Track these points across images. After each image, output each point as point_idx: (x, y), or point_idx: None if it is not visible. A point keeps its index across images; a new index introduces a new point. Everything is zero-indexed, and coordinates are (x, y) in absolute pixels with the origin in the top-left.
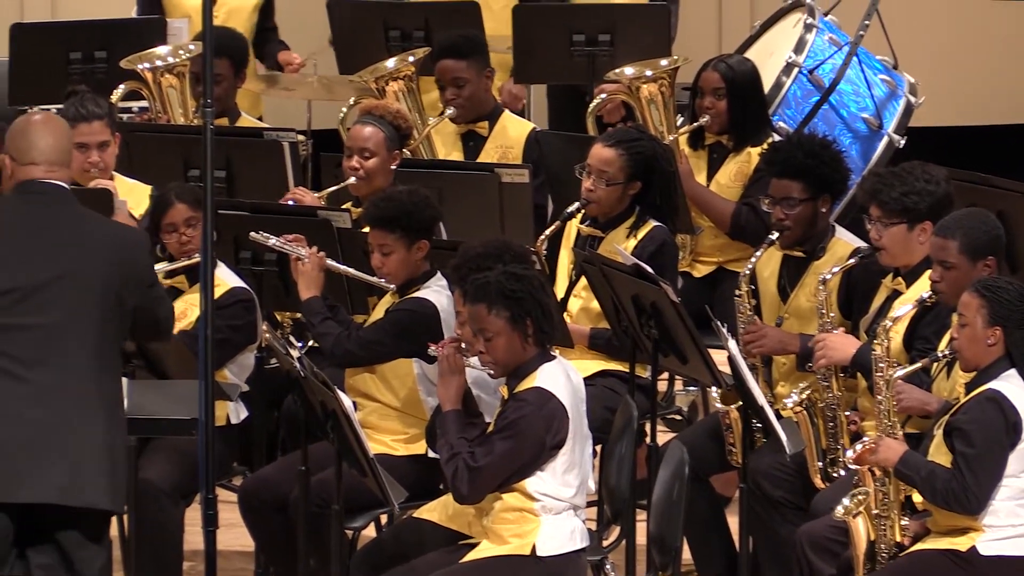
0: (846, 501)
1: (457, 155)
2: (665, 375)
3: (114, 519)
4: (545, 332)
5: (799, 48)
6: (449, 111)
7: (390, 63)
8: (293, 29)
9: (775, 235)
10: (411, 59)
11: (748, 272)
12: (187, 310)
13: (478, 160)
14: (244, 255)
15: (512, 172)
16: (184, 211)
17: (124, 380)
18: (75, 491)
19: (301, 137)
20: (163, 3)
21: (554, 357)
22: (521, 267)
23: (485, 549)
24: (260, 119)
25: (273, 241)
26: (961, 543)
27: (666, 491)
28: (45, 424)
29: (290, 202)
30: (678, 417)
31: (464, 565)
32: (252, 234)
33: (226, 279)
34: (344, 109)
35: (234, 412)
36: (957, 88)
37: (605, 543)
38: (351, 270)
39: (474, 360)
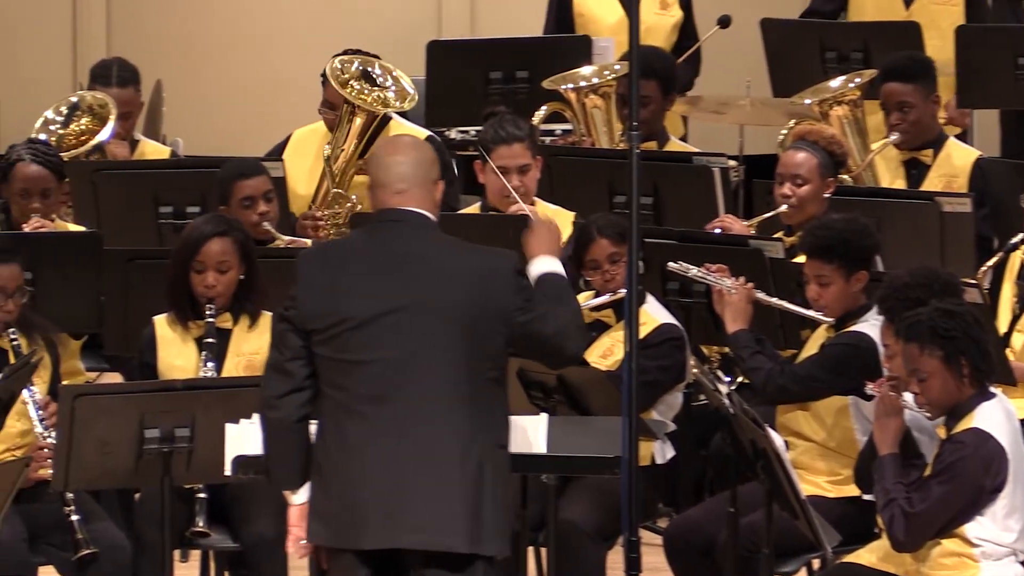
0: None
1: (900, 183)
2: None
3: (531, 560)
4: (982, 370)
5: None
6: (893, 136)
7: (834, 83)
8: (720, 52)
9: None
10: (857, 81)
11: None
12: (613, 347)
13: (921, 189)
14: (671, 286)
15: (953, 201)
16: (607, 247)
17: (544, 416)
18: (419, 533)
19: (732, 163)
20: (574, 22)
21: (993, 395)
22: (954, 302)
23: None
24: (682, 139)
25: (694, 271)
26: None
27: None
28: (389, 464)
29: (717, 230)
30: None
31: None
32: (671, 264)
33: (655, 315)
34: (783, 132)
35: (659, 451)
36: None
37: None
38: (784, 302)
39: (910, 400)
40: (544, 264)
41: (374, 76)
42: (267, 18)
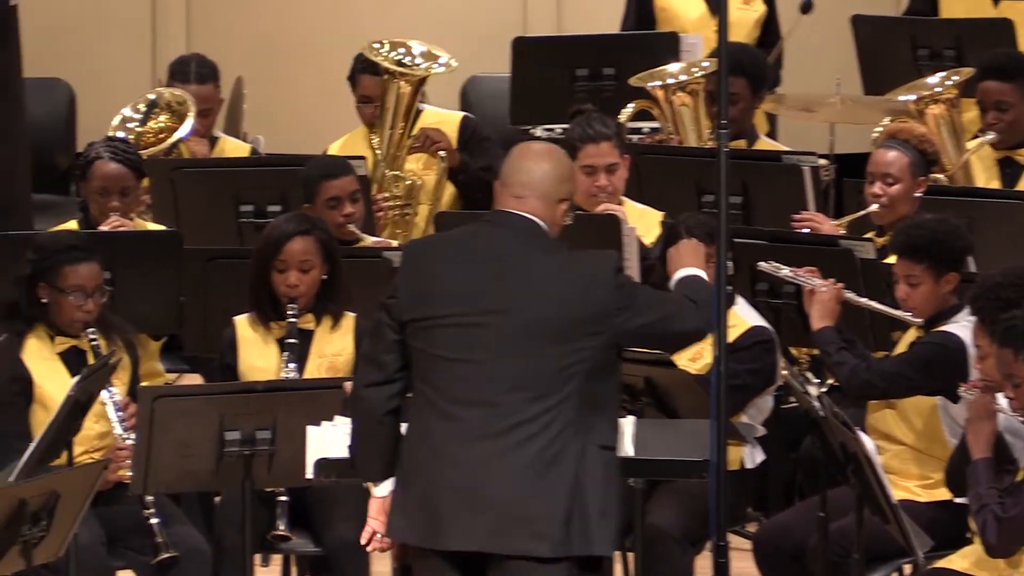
0: None
1: (995, 182)
2: None
3: (618, 566)
4: None
5: None
6: (989, 135)
7: (931, 80)
8: (807, 49)
9: None
10: (954, 79)
11: None
12: (702, 350)
13: (1016, 189)
14: (760, 287)
15: None
16: None
17: (631, 419)
18: (499, 537)
19: (823, 161)
20: (655, 16)
21: None
22: None
23: None
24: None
25: (785, 271)
26: None
27: None
28: (472, 464)
29: (806, 230)
30: None
31: None
32: (761, 264)
33: (745, 317)
34: (878, 129)
35: (749, 456)
36: None
37: None
38: (873, 303)
39: (1004, 403)
40: (688, 270)
41: (405, 62)
42: (350, 14)
